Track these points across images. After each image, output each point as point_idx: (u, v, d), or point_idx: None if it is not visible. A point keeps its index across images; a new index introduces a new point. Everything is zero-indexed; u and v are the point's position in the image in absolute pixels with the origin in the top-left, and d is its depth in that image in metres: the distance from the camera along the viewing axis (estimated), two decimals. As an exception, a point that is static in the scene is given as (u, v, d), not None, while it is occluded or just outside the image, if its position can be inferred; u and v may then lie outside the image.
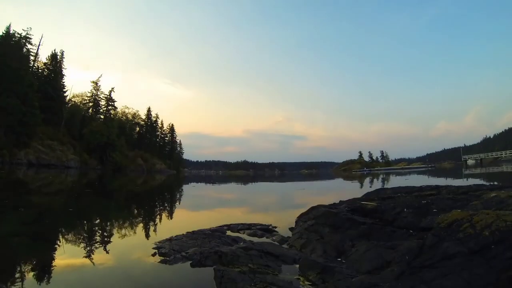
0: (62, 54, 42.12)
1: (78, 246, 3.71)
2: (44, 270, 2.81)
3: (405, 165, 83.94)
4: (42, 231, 4.31)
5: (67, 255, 3.26)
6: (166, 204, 10.14)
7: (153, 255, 3.26)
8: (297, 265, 3.00)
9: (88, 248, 3.62)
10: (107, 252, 3.54)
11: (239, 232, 4.72)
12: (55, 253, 3.34)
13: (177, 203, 10.74)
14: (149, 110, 65.70)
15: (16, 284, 2.48)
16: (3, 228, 4.19)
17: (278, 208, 8.15)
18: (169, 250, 3.25)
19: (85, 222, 5.56)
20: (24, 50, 35.46)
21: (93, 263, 3.08)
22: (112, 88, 51.01)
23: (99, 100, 49.83)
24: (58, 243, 3.85)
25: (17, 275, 2.70)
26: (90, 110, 49.26)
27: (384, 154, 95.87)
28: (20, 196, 7.97)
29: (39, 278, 2.61)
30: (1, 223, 4.52)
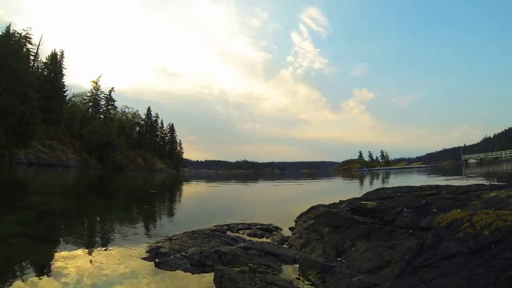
0: (62, 54, 42.12)
1: (78, 247, 3.69)
2: (43, 272, 2.80)
3: (405, 164, 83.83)
4: (41, 232, 4.28)
5: (66, 257, 3.24)
6: (166, 204, 10.13)
7: (153, 255, 3.26)
8: (297, 265, 3.00)
9: (88, 249, 3.61)
10: (106, 252, 3.54)
11: (239, 232, 4.72)
12: (54, 255, 3.32)
13: (177, 202, 10.74)
14: (149, 110, 65.72)
15: (15, 285, 2.48)
16: (3, 229, 4.16)
17: (278, 208, 8.14)
18: (169, 250, 3.25)
19: (85, 222, 5.55)
20: (25, 49, 35.46)
21: (92, 264, 3.08)
22: (112, 88, 51.03)
23: (99, 100, 49.88)
24: (58, 244, 3.83)
25: (17, 276, 2.70)
26: (90, 110, 49.25)
27: (384, 154, 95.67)
28: (20, 196, 7.95)
29: (38, 279, 2.61)
30: (1, 224, 4.49)
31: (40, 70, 39.80)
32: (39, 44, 38.65)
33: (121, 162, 45.34)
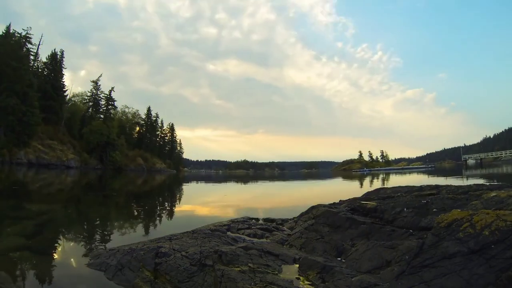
0: (62, 53, 42.10)
1: (79, 257, 3.59)
2: (46, 286, 2.78)
3: (405, 165, 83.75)
4: (43, 244, 4.18)
5: (68, 268, 3.21)
6: (166, 203, 10.15)
7: (153, 255, 3.25)
8: (297, 265, 2.99)
9: (89, 258, 3.55)
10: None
11: (239, 232, 4.72)
12: (56, 268, 3.28)
13: (177, 202, 10.75)
14: (149, 110, 65.76)
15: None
16: (3, 242, 4.03)
17: (278, 208, 8.15)
18: (169, 250, 3.24)
19: (85, 230, 5.37)
20: (24, 49, 35.42)
21: (94, 273, 3.07)
22: (112, 88, 51.05)
23: (99, 100, 49.85)
24: (59, 257, 3.71)
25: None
26: (90, 110, 49.22)
27: (384, 154, 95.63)
28: (20, 203, 7.58)
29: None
30: (2, 236, 4.36)
31: (40, 70, 39.77)
32: (39, 44, 38.64)
33: (121, 162, 45.36)
